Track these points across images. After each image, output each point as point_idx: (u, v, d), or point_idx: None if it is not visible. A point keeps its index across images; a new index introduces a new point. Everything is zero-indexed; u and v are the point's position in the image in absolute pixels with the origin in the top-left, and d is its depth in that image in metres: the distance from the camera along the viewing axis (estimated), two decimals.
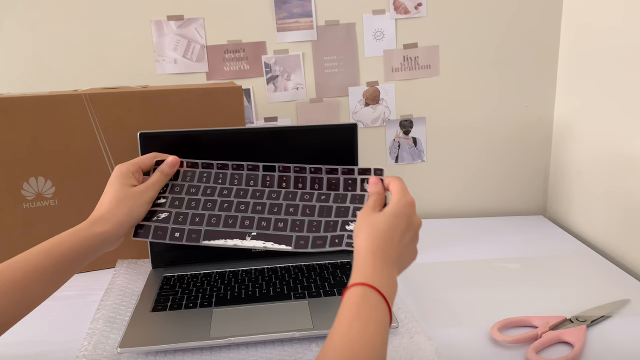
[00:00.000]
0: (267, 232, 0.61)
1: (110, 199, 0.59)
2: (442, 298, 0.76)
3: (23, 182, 0.81)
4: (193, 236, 0.61)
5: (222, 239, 0.61)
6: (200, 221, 0.62)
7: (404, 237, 0.52)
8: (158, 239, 0.61)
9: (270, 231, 0.61)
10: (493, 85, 1.08)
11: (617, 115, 0.90)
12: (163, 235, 0.61)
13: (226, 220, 0.62)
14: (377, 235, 0.51)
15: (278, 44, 1.04)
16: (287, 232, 0.61)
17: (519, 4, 1.04)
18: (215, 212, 0.63)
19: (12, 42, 0.99)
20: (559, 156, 1.10)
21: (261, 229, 0.61)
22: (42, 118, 0.79)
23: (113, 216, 0.58)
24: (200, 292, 0.74)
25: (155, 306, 0.71)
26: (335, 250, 0.57)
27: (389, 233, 0.51)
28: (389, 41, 1.05)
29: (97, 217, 0.59)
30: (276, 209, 0.63)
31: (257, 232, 0.61)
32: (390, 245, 0.50)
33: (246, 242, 0.60)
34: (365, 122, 1.09)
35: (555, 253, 0.91)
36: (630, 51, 0.85)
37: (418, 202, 1.12)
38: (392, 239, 0.51)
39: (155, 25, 1.02)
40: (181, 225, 0.62)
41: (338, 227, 0.59)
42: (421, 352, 0.62)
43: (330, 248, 0.58)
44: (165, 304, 0.71)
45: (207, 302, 0.71)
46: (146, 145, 0.79)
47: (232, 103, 0.87)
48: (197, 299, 0.72)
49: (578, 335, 0.63)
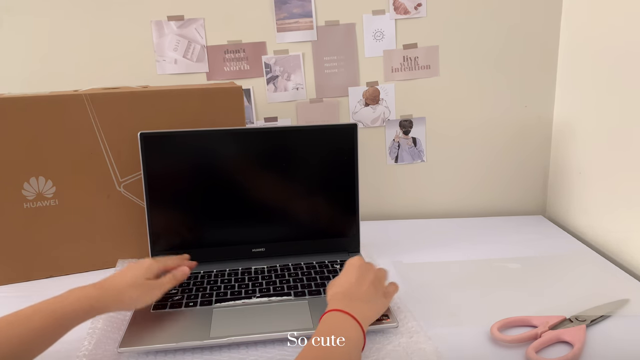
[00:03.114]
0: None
1: (124, 281, 0.65)
2: (442, 298, 0.76)
3: (23, 182, 0.81)
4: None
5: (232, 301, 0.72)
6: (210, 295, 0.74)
7: (362, 281, 0.65)
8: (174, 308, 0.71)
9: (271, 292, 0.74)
10: (493, 85, 1.08)
11: (617, 115, 0.90)
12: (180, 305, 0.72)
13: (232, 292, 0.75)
14: (335, 285, 0.66)
15: (278, 44, 1.04)
16: (286, 291, 0.74)
17: (518, 4, 1.04)
18: (222, 290, 0.75)
19: (12, 42, 0.99)
20: (558, 156, 1.10)
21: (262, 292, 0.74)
22: (42, 118, 0.80)
23: (119, 296, 0.63)
24: (200, 291, 0.75)
25: (156, 305, 0.71)
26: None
27: (343, 280, 0.66)
28: (388, 41, 1.05)
29: (103, 291, 0.62)
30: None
31: (259, 294, 0.74)
32: (350, 288, 0.64)
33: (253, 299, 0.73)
34: (365, 122, 1.09)
35: (555, 253, 0.91)
36: (629, 51, 0.85)
37: (418, 202, 1.14)
38: (350, 284, 0.65)
39: (155, 26, 1.02)
40: (194, 299, 0.73)
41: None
42: (421, 351, 0.62)
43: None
44: (165, 303, 0.71)
45: (208, 301, 0.72)
46: (146, 145, 0.79)
47: (232, 103, 0.87)
48: (197, 297, 0.73)
49: (578, 335, 0.63)
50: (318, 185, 0.85)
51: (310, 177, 0.84)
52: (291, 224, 0.86)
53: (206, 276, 0.79)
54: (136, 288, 0.65)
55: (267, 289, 0.74)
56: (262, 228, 0.85)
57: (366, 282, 0.65)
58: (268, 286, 0.75)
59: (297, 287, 0.75)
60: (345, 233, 0.87)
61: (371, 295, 0.64)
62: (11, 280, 0.83)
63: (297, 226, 0.86)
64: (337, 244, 0.87)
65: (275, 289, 0.74)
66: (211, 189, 0.82)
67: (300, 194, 0.85)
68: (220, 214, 0.83)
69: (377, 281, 0.67)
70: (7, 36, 0.99)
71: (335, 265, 0.82)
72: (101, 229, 0.86)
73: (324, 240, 0.87)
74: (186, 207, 0.82)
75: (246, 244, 0.85)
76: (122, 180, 0.86)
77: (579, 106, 1.01)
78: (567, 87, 1.05)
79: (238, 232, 0.84)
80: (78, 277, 0.85)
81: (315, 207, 0.85)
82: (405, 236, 1.01)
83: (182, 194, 0.82)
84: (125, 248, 0.88)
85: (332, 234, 0.87)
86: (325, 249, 0.87)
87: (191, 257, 0.81)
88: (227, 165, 0.82)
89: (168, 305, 0.71)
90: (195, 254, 0.83)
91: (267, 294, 0.73)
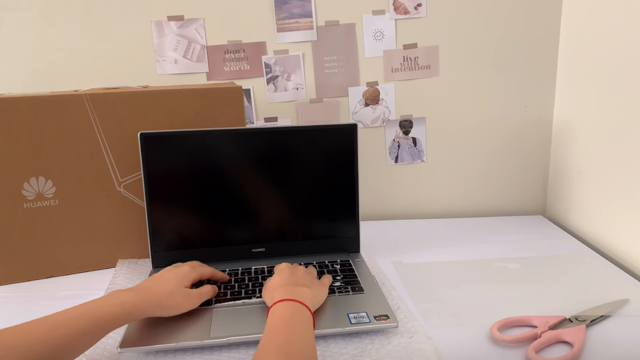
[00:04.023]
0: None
1: (164, 288, 0.66)
2: (442, 298, 0.76)
3: (24, 182, 0.81)
4: None
5: None
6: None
7: (295, 273, 0.70)
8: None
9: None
10: (493, 85, 1.08)
11: (616, 115, 0.90)
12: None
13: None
14: (270, 284, 0.69)
15: (278, 44, 1.04)
16: None
17: (518, 4, 1.04)
18: (222, 290, 0.76)
19: (12, 42, 1.00)
20: (558, 156, 1.10)
21: None
22: (42, 118, 0.80)
23: (159, 302, 0.64)
24: None
25: None
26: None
27: (276, 278, 0.69)
28: (388, 41, 1.05)
29: (144, 297, 0.63)
30: None
31: (259, 294, 0.74)
32: (286, 280, 0.67)
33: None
34: (365, 122, 1.09)
35: (554, 253, 0.91)
36: (629, 51, 0.85)
37: (417, 202, 1.14)
38: (285, 278, 0.68)
39: (155, 26, 1.02)
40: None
41: None
42: (421, 351, 0.62)
43: None
44: None
45: (207, 301, 0.71)
46: (146, 145, 0.79)
47: (233, 103, 0.87)
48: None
49: (577, 335, 0.63)
50: (318, 185, 0.85)
51: (310, 177, 0.84)
52: (291, 224, 0.86)
53: None
54: (176, 296, 0.66)
55: None
56: (262, 228, 0.85)
57: (299, 273, 0.70)
58: None
59: None
60: (345, 233, 0.87)
61: (307, 281, 0.68)
62: (11, 280, 0.83)
63: (297, 226, 0.86)
64: (337, 244, 0.87)
65: None
66: (211, 189, 0.82)
67: (300, 194, 0.85)
68: (220, 214, 0.83)
69: (307, 274, 0.71)
70: (7, 36, 0.99)
71: (335, 265, 0.82)
72: (101, 229, 0.86)
73: (324, 240, 0.87)
74: (186, 207, 0.82)
75: (246, 244, 0.85)
76: (122, 180, 0.86)
77: (579, 106, 1.01)
78: (567, 87, 1.05)
79: (238, 232, 0.84)
80: (78, 277, 0.85)
81: (315, 207, 0.85)
82: (405, 236, 1.01)
83: (182, 194, 0.82)
84: (125, 248, 0.88)
85: (332, 234, 0.87)
86: (325, 249, 0.87)
87: (191, 257, 0.81)
88: (227, 166, 0.82)
89: None
90: (195, 253, 0.83)
91: None
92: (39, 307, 0.74)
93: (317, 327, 0.65)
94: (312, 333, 0.57)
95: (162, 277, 0.68)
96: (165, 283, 0.67)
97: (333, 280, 0.77)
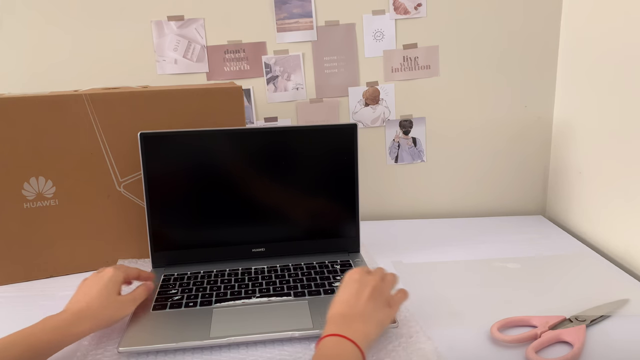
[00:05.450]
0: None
1: (95, 301, 0.64)
2: (442, 298, 0.76)
3: (23, 182, 0.81)
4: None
5: (232, 301, 0.72)
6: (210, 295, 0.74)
7: (360, 297, 0.62)
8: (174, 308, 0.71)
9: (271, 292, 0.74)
10: (493, 85, 1.08)
11: (616, 115, 0.90)
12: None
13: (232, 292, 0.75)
14: (334, 304, 0.62)
15: (278, 44, 1.04)
16: (285, 291, 0.74)
17: (519, 4, 1.04)
18: (222, 290, 0.75)
19: (12, 42, 1.00)
20: (558, 156, 1.10)
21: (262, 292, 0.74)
22: (42, 118, 0.80)
23: (94, 318, 0.62)
24: (200, 291, 0.75)
25: (156, 305, 0.71)
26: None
27: (341, 298, 0.62)
28: (388, 41, 1.05)
29: (78, 316, 0.61)
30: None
31: (259, 294, 0.74)
32: (347, 307, 0.61)
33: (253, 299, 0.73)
34: (365, 122, 1.09)
35: (554, 253, 0.91)
36: (630, 51, 0.85)
37: (418, 202, 1.14)
38: (347, 302, 0.61)
39: (155, 26, 1.02)
40: (194, 299, 0.73)
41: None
42: (421, 351, 0.62)
43: None
44: (165, 303, 0.71)
45: (207, 301, 0.72)
46: (146, 145, 0.79)
47: (232, 103, 0.87)
48: (197, 297, 0.73)
49: (577, 335, 0.63)
50: (318, 185, 0.85)
51: (310, 177, 0.84)
52: (291, 224, 0.86)
53: (206, 276, 0.79)
54: (109, 308, 0.64)
55: (267, 289, 0.75)
56: (262, 228, 0.85)
57: (363, 298, 0.62)
58: (268, 286, 0.75)
59: (297, 288, 0.75)
60: (345, 233, 0.87)
61: (370, 311, 0.61)
62: (11, 280, 0.83)
63: (297, 226, 0.86)
64: (337, 244, 0.87)
65: (275, 289, 0.74)
66: (211, 188, 0.82)
67: (300, 194, 0.85)
68: (220, 214, 0.83)
69: (377, 293, 0.63)
70: (7, 36, 0.99)
71: (335, 265, 0.82)
72: (101, 229, 0.86)
73: (324, 240, 0.87)
74: (186, 207, 0.82)
75: (246, 244, 0.85)
76: (122, 180, 0.86)
77: (579, 106, 1.01)
78: (567, 87, 1.05)
79: (238, 232, 0.84)
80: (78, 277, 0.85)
81: (315, 207, 0.85)
82: (405, 236, 1.01)
83: (182, 194, 0.82)
84: (125, 248, 0.88)
85: (332, 234, 0.87)
86: (325, 249, 0.87)
87: (191, 257, 0.81)
88: (227, 165, 0.82)
89: (168, 305, 0.71)
90: (195, 253, 0.83)
91: (267, 294, 0.73)
92: (38, 307, 0.74)
93: (316, 327, 0.65)
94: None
95: (91, 289, 0.65)
96: (96, 296, 0.64)
97: (333, 281, 0.77)
